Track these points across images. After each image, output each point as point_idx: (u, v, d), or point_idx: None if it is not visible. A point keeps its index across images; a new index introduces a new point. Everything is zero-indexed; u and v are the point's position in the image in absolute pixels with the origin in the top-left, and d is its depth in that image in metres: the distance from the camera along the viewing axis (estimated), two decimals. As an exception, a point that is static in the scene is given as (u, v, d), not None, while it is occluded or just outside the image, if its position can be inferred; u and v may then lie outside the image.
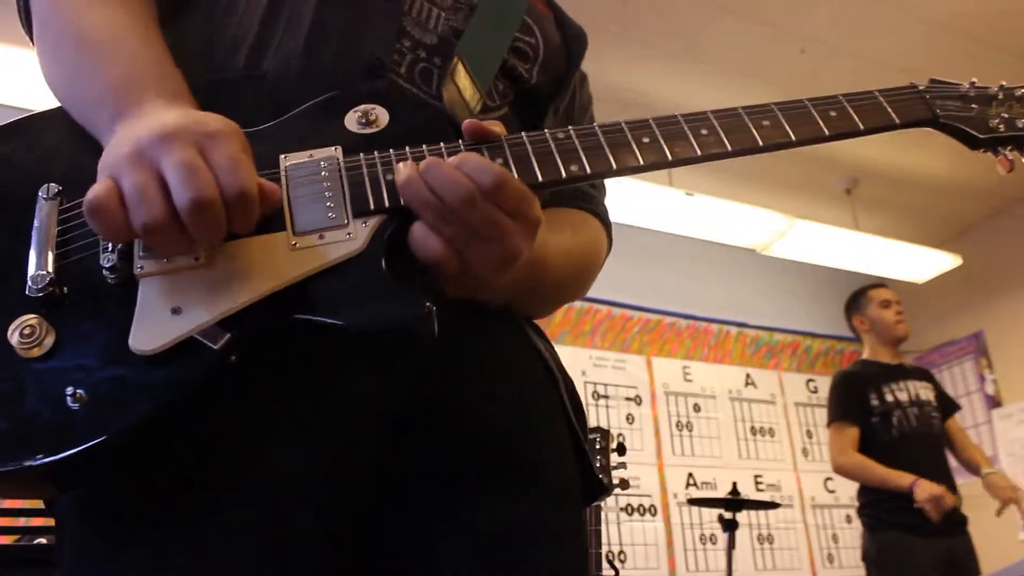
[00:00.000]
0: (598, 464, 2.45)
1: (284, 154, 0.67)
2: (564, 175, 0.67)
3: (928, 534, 2.93)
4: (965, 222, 4.91)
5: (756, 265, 4.69)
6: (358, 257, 0.62)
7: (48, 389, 0.56)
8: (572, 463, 0.77)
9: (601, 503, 3.00)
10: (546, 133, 0.69)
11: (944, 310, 4.95)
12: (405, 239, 0.63)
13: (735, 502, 3.16)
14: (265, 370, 0.62)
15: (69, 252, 0.62)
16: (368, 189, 0.64)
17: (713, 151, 0.70)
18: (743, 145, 0.71)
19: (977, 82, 0.79)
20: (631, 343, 4.43)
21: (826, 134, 0.73)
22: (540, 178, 0.67)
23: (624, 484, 2.53)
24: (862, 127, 0.74)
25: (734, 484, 3.23)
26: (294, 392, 0.65)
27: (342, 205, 0.64)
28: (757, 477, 4.49)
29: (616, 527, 3.93)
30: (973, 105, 0.78)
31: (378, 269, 0.61)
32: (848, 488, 3.52)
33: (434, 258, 0.62)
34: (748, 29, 3.40)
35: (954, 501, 2.93)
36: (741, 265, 4.73)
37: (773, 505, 3.40)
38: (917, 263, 4.53)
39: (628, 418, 4.23)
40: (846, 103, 0.74)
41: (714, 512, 3.26)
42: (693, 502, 3.43)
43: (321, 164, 0.66)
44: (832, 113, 0.74)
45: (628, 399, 4.29)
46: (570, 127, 0.70)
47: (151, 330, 0.58)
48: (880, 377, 3.23)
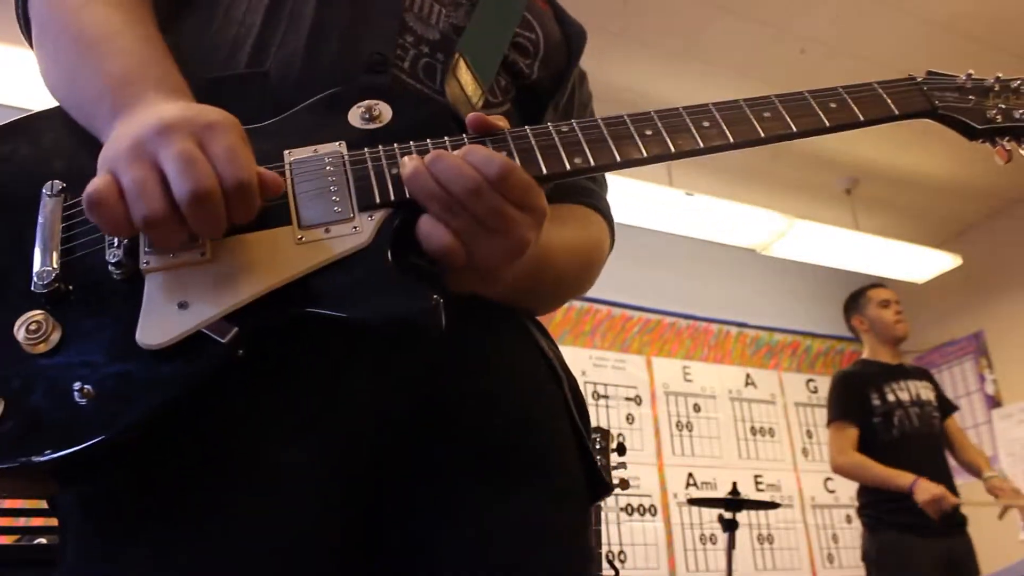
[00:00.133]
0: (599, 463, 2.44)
1: (288, 149, 0.66)
2: (568, 167, 0.67)
3: (928, 534, 2.93)
4: (965, 222, 4.91)
5: (756, 265, 4.69)
6: (364, 251, 0.61)
7: (55, 385, 0.56)
8: (576, 461, 0.77)
9: (601, 503, 3.00)
10: (549, 126, 0.69)
11: (944, 310, 4.95)
12: (411, 233, 0.63)
13: (735, 502, 3.16)
14: (269, 366, 0.62)
15: (74, 248, 0.62)
16: (373, 183, 0.64)
17: (716, 143, 0.70)
18: (745, 137, 0.71)
19: (974, 74, 0.79)
20: (631, 343, 4.43)
21: (827, 125, 0.73)
22: (544, 170, 0.67)
23: (624, 484, 2.53)
24: (862, 118, 0.74)
25: (734, 484, 3.23)
26: (298, 388, 0.65)
27: (347, 199, 0.64)
28: (757, 477, 4.49)
29: (616, 527, 3.93)
30: (970, 96, 0.78)
31: (384, 263, 0.61)
32: (848, 488, 3.52)
33: (442, 250, 0.62)
34: (748, 29, 3.40)
35: (955, 502, 2.93)
36: (741, 265, 4.73)
37: (773, 505, 3.40)
38: (917, 263, 4.53)
39: (628, 418, 4.23)
40: (846, 95, 0.75)
41: (714, 512, 3.26)
42: (693, 502, 3.43)
43: (326, 159, 0.66)
44: (832, 105, 0.74)
45: (628, 399, 4.29)
46: (573, 120, 0.70)
47: (158, 325, 0.57)
48: (881, 377, 3.23)
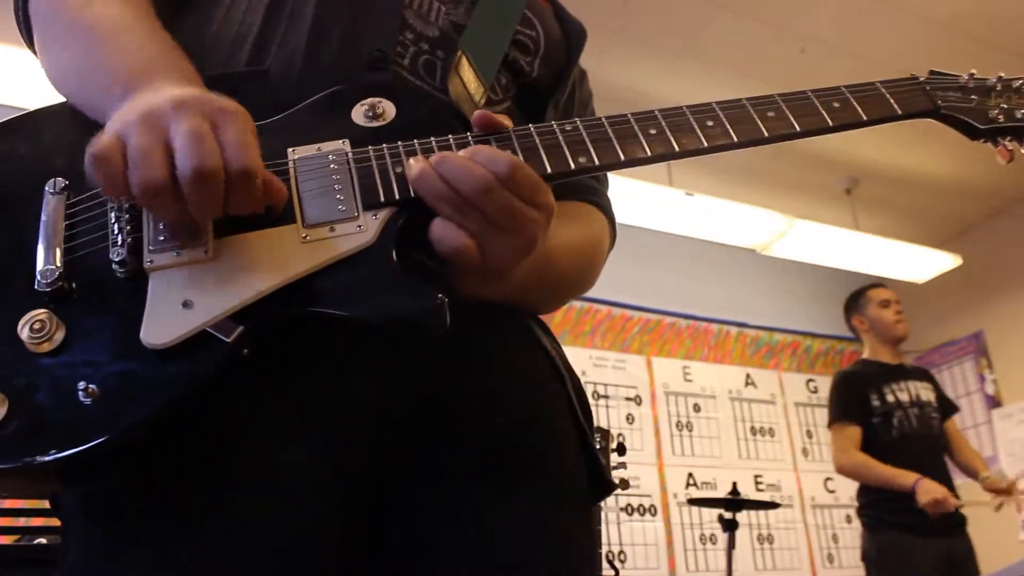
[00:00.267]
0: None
1: (292, 147, 0.66)
2: (573, 166, 0.67)
3: (928, 534, 2.93)
4: (965, 222, 4.91)
5: (756, 265, 4.69)
6: (369, 250, 0.61)
7: (59, 384, 0.56)
8: (579, 460, 0.77)
9: (601, 503, 3.00)
10: (553, 125, 0.69)
11: (944, 310, 4.95)
12: (415, 232, 0.63)
13: (735, 502, 3.16)
14: (272, 365, 0.62)
15: (77, 247, 0.62)
16: (378, 181, 0.64)
17: (719, 142, 0.70)
18: (749, 136, 0.71)
19: (976, 73, 0.79)
20: (631, 343, 4.43)
21: (830, 124, 0.73)
22: (549, 169, 0.66)
23: (624, 484, 2.52)
24: (865, 118, 0.74)
25: (734, 484, 3.23)
26: (300, 387, 0.65)
27: (352, 197, 0.63)
28: (757, 477, 4.49)
29: (616, 527, 3.93)
30: (972, 96, 0.78)
31: (389, 261, 0.61)
32: (848, 488, 3.52)
33: (457, 251, 0.61)
34: (748, 28, 3.40)
35: (956, 504, 2.93)
36: (741, 265, 4.73)
37: (773, 505, 3.41)
38: (917, 263, 4.53)
39: (628, 418, 4.23)
40: (849, 94, 0.75)
41: (714, 512, 3.26)
42: (693, 502, 3.44)
43: (330, 157, 0.66)
44: (835, 104, 0.74)
45: (628, 399, 4.28)
46: (577, 119, 0.70)
47: (162, 324, 0.57)
48: (881, 377, 3.22)
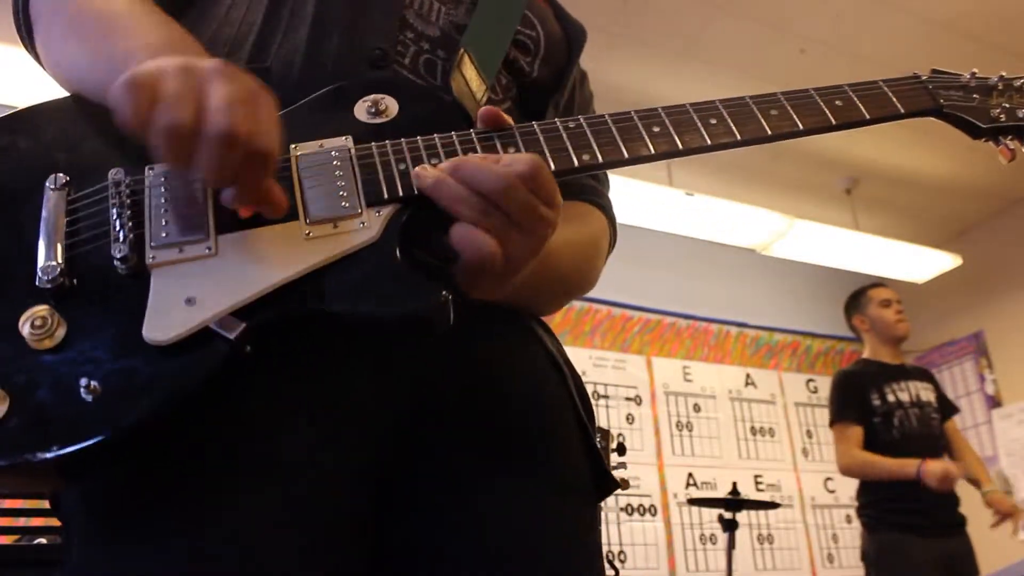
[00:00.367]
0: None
1: (294, 144, 0.66)
2: (577, 163, 0.67)
3: (927, 534, 2.93)
4: (965, 222, 4.92)
5: (756, 265, 4.69)
6: (372, 246, 0.61)
7: (60, 380, 0.55)
8: (581, 457, 0.77)
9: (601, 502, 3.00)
10: (557, 122, 0.69)
11: (944, 310, 4.95)
12: (418, 229, 0.63)
13: (735, 502, 3.16)
14: (273, 362, 0.61)
15: (78, 243, 0.61)
16: (381, 178, 0.64)
17: (723, 140, 0.70)
18: (752, 135, 0.71)
19: (978, 72, 0.79)
20: (631, 343, 4.43)
21: (833, 123, 0.73)
22: (553, 166, 0.66)
23: (624, 484, 2.52)
24: (868, 116, 0.74)
25: (734, 484, 3.23)
26: (303, 384, 0.65)
27: (355, 194, 0.63)
28: (757, 477, 4.49)
29: (616, 527, 3.93)
30: (974, 95, 0.78)
31: (393, 259, 0.61)
32: (848, 488, 3.52)
33: (484, 256, 0.60)
34: (748, 29, 3.40)
35: (961, 473, 2.95)
36: (741, 265, 4.73)
37: (773, 505, 3.41)
38: (917, 263, 4.53)
39: (628, 418, 4.24)
40: (852, 93, 0.74)
41: (714, 512, 3.27)
42: (693, 502, 3.44)
43: (333, 153, 0.65)
44: (838, 103, 0.74)
45: (628, 399, 4.29)
46: (580, 117, 0.70)
47: (165, 320, 0.57)
48: (881, 377, 3.22)
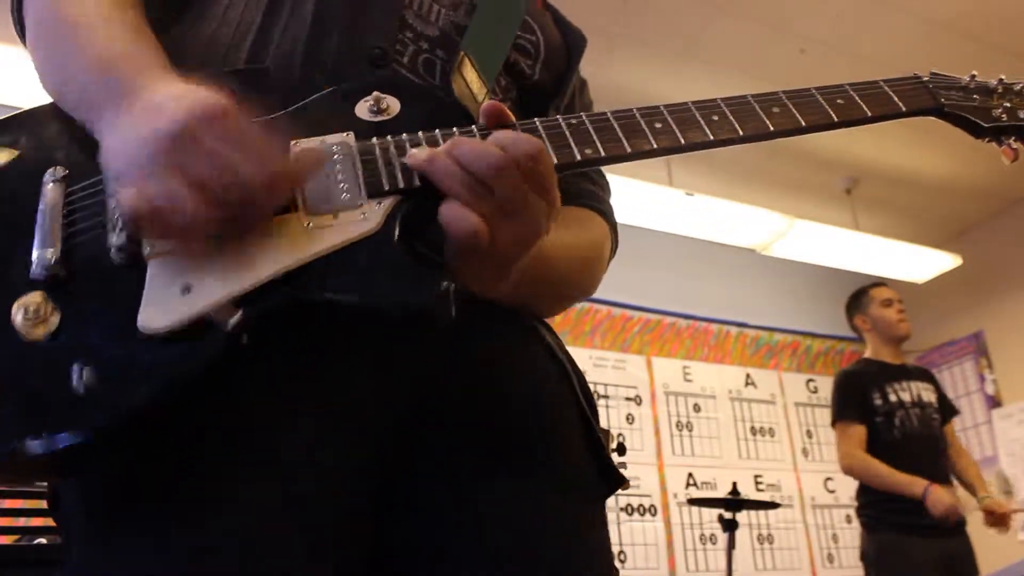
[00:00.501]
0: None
1: (295, 140, 0.66)
2: (579, 157, 0.67)
3: (927, 534, 2.93)
4: (965, 222, 4.92)
5: (756, 265, 4.69)
6: (373, 237, 0.61)
7: (53, 369, 0.55)
8: (585, 454, 0.77)
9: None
10: (559, 118, 0.69)
11: (944, 310, 4.95)
12: (419, 224, 0.63)
13: (735, 502, 3.16)
14: (274, 359, 0.61)
15: (75, 233, 0.61)
16: (382, 170, 0.64)
17: (725, 136, 0.70)
18: (754, 131, 0.71)
19: (977, 75, 0.80)
20: (631, 343, 4.43)
21: (835, 120, 0.73)
22: (555, 160, 0.66)
23: (624, 484, 2.53)
24: (870, 114, 0.74)
25: (734, 484, 3.23)
26: (302, 379, 0.64)
27: (356, 186, 0.63)
28: (757, 477, 4.49)
29: (616, 527, 3.93)
30: (975, 96, 0.79)
31: (394, 249, 0.61)
32: (848, 488, 3.52)
33: (470, 231, 0.60)
34: (748, 29, 3.40)
35: (966, 511, 2.94)
36: (741, 265, 4.73)
37: (773, 505, 3.41)
38: (917, 263, 4.53)
39: (628, 418, 4.23)
40: (852, 92, 0.75)
41: (714, 512, 3.26)
42: (693, 502, 3.44)
43: (334, 148, 0.65)
44: (839, 101, 0.74)
45: (628, 399, 4.29)
46: (582, 113, 0.70)
47: (161, 309, 0.56)
48: (883, 376, 3.21)
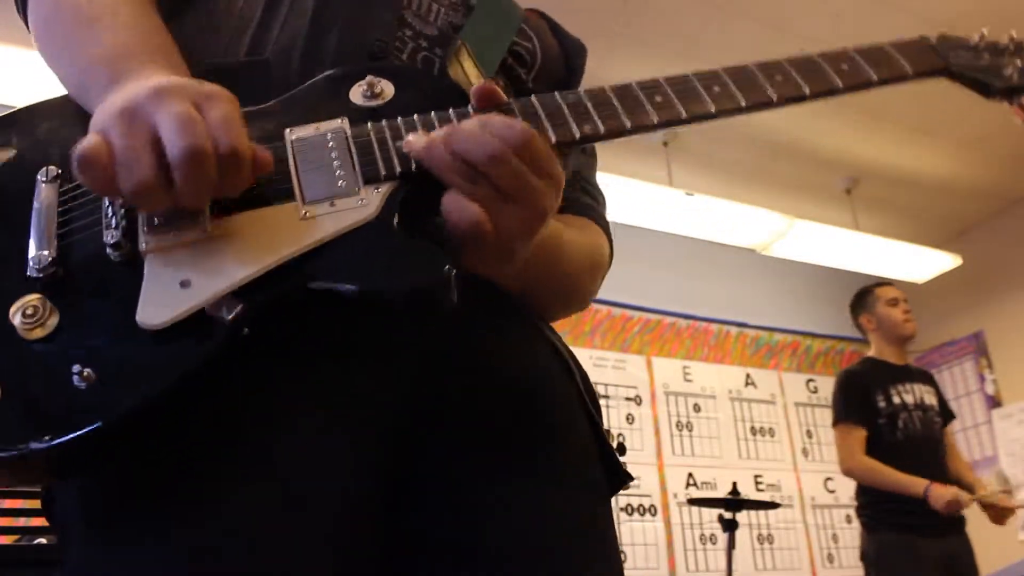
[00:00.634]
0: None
1: (289, 128, 0.65)
2: (578, 135, 0.66)
3: (927, 534, 2.93)
4: (965, 222, 4.91)
5: (756, 265, 4.69)
6: (371, 223, 0.60)
7: (53, 369, 0.54)
8: (591, 453, 0.76)
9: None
10: (556, 95, 0.68)
11: (944, 310, 4.95)
12: (416, 209, 0.62)
13: (735, 502, 3.16)
14: (274, 356, 0.61)
15: (71, 232, 0.61)
16: (378, 156, 0.63)
17: (727, 107, 0.69)
18: (757, 100, 0.69)
19: (987, 34, 0.78)
20: (631, 343, 4.43)
21: (840, 86, 0.71)
22: (554, 138, 0.65)
23: (628, 482, 2.53)
24: (876, 78, 0.72)
25: (734, 484, 3.23)
26: (303, 381, 0.64)
27: (352, 173, 0.62)
28: (757, 477, 4.49)
29: (616, 527, 3.93)
30: (985, 55, 0.77)
31: (393, 234, 0.60)
32: (848, 488, 3.51)
33: (472, 223, 0.60)
34: (748, 29, 3.40)
35: (968, 501, 2.94)
36: (741, 265, 4.72)
37: (773, 505, 3.41)
38: (917, 263, 4.53)
39: (628, 418, 4.23)
40: (857, 56, 0.73)
41: (714, 512, 3.26)
42: (693, 502, 3.44)
43: (328, 135, 0.65)
44: (844, 66, 0.72)
45: (628, 399, 4.28)
46: (579, 90, 0.69)
47: (159, 304, 0.56)
48: (887, 378, 3.20)
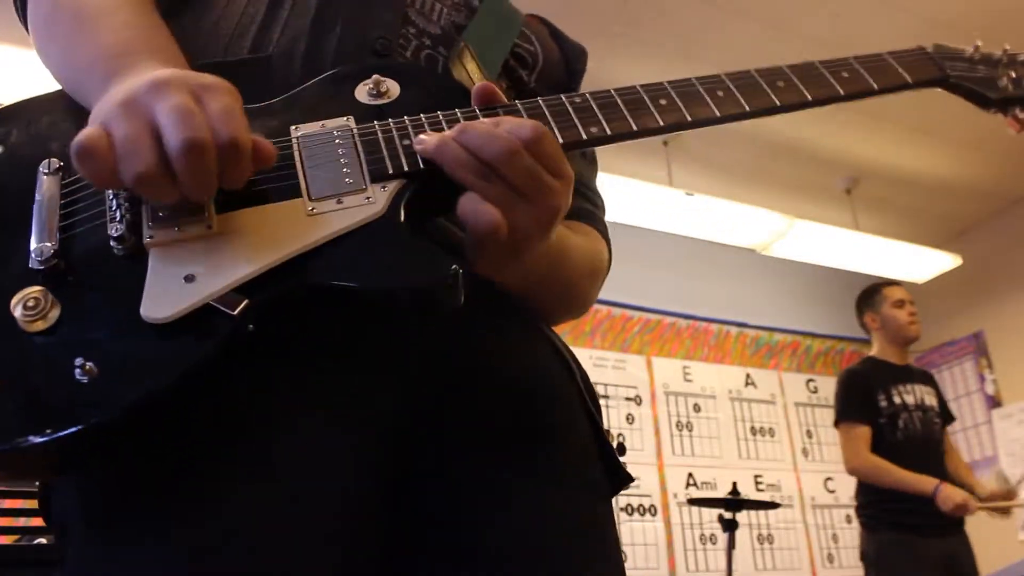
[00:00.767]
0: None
1: (294, 125, 0.65)
2: (585, 136, 0.67)
3: (927, 534, 2.93)
4: (965, 222, 4.92)
5: (756, 265, 4.69)
6: (379, 221, 0.60)
7: (54, 363, 0.54)
8: (593, 452, 0.76)
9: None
10: (562, 97, 0.69)
11: (944, 310, 4.95)
12: (422, 208, 0.62)
13: (735, 502, 3.16)
14: (275, 357, 0.61)
15: (73, 225, 0.60)
16: (385, 154, 0.63)
17: (731, 111, 0.70)
18: (761, 106, 0.71)
19: (981, 46, 0.80)
20: (631, 343, 4.43)
21: (841, 94, 0.73)
22: (561, 139, 0.66)
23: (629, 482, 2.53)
24: (876, 86, 0.74)
25: (734, 484, 3.23)
26: (304, 382, 0.63)
27: (359, 171, 0.62)
28: (757, 477, 4.49)
29: (616, 527, 3.93)
30: (979, 67, 0.79)
31: (401, 233, 0.60)
32: (848, 488, 3.52)
33: (489, 224, 0.59)
34: (748, 29, 3.40)
35: (978, 507, 2.94)
36: (741, 265, 4.73)
37: (773, 505, 3.41)
38: (917, 263, 4.53)
39: (628, 418, 4.23)
40: (857, 65, 0.75)
41: (714, 512, 3.27)
42: (693, 502, 3.44)
43: (334, 133, 0.64)
44: (845, 74, 0.74)
45: (628, 399, 4.28)
46: (585, 92, 0.70)
47: (164, 298, 0.55)
48: (889, 378, 3.20)
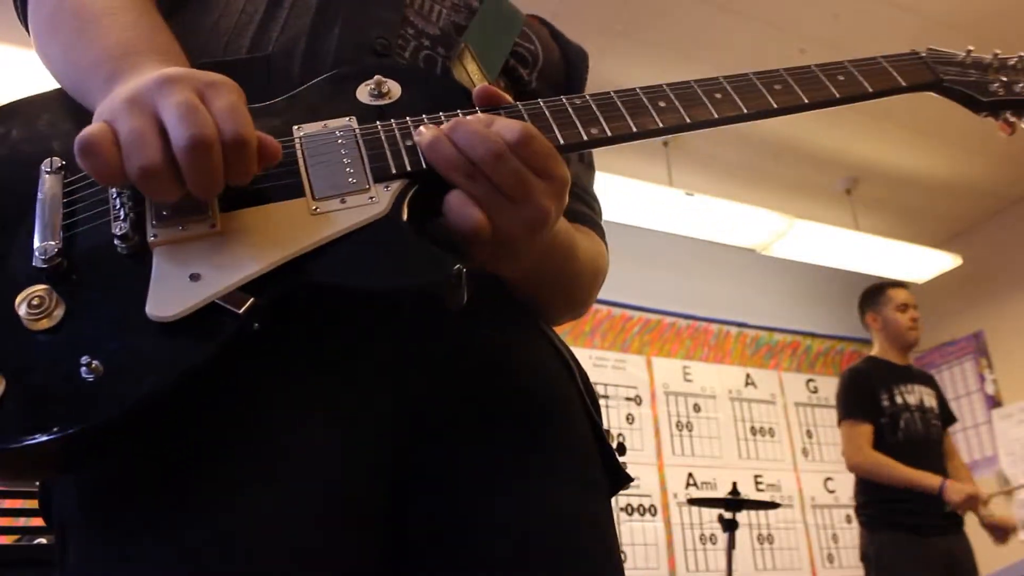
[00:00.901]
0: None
1: (297, 125, 0.65)
2: (585, 137, 0.67)
3: (927, 534, 2.93)
4: (965, 222, 4.92)
5: (756, 265, 4.69)
6: (383, 220, 0.60)
7: (59, 361, 0.54)
8: (594, 452, 0.77)
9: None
10: (563, 99, 0.69)
11: (944, 310, 4.95)
12: (425, 207, 0.62)
13: (735, 502, 3.16)
14: (280, 356, 0.61)
15: (76, 223, 0.60)
16: (388, 154, 0.63)
17: (730, 113, 0.71)
18: (758, 108, 0.72)
19: (973, 51, 0.82)
20: (631, 343, 4.43)
21: (836, 96, 0.75)
22: (561, 140, 0.66)
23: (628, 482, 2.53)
24: (871, 90, 0.76)
25: (734, 484, 3.24)
26: (308, 381, 0.64)
27: (362, 170, 0.62)
28: (757, 477, 4.49)
29: (616, 527, 3.93)
30: (971, 71, 0.81)
31: (404, 232, 0.60)
32: (848, 488, 3.51)
33: (472, 226, 0.60)
34: (748, 29, 3.40)
35: (986, 497, 2.94)
36: (741, 265, 4.73)
37: (773, 505, 3.41)
38: (917, 263, 4.53)
39: (628, 418, 4.23)
40: (852, 68, 0.76)
41: (714, 512, 3.27)
42: (693, 502, 3.44)
43: (337, 133, 0.65)
44: (840, 78, 0.76)
45: (628, 399, 4.29)
46: (585, 94, 0.70)
47: (169, 297, 0.55)
48: (891, 378, 3.19)
